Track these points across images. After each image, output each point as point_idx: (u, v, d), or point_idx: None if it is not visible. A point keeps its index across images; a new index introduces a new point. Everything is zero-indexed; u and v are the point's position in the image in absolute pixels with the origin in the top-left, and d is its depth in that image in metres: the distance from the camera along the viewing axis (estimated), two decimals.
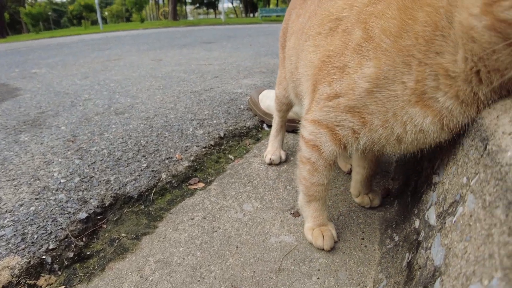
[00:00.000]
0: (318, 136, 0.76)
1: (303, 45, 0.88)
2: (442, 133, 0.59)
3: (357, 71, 0.63)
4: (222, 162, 1.41)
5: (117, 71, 3.26)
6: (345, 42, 0.67)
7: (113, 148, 1.41)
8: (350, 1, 0.71)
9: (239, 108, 2.01)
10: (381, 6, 0.61)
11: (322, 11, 0.81)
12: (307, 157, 0.82)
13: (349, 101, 0.66)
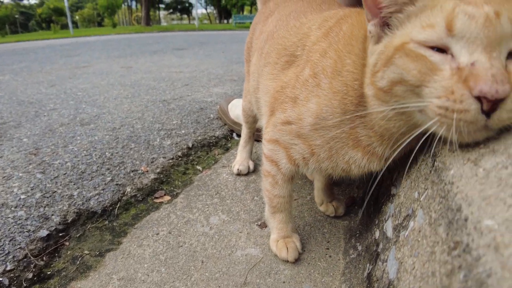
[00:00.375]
0: (276, 153, 0.81)
1: (262, 69, 0.91)
2: (380, 164, 0.65)
3: (304, 105, 0.69)
4: (189, 173, 1.39)
5: (85, 79, 3.17)
6: (297, 75, 0.73)
7: (77, 161, 1.36)
8: (302, 40, 0.77)
9: (209, 117, 1.99)
10: (325, 44, 0.67)
11: (279, 40, 0.84)
12: (268, 171, 0.86)
13: (299, 129, 0.71)
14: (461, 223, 0.32)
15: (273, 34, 0.90)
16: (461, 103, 0.40)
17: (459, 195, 0.36)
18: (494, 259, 0.25)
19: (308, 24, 0.79)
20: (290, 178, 0.84)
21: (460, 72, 0.41)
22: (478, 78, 0.39)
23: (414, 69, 0.45)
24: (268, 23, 1.01)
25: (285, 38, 0.83)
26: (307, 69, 0.69)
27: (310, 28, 0.76)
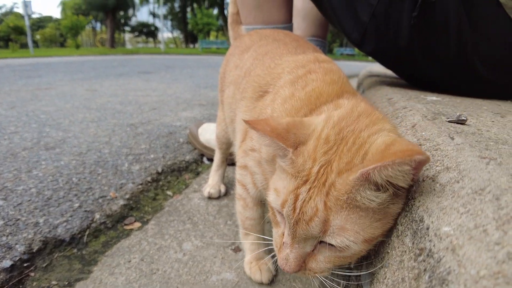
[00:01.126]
0: (245, 177, 0.85)
1: (239, 102, 0.95)
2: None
3: None
4: (160, 199, 1.38)
5: (48, 102, 3.06)
6: (261, 110, 0.78)
7: (42, 187, 1.31)
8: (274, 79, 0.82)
9: (178, 141, 1.99)
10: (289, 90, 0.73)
11: (255, 78, 0.89)
12: (240, 194, 0.90)
13: (260, 158, 0.75)
14: (424, 231, 0.37)
15: (250, 72, 0.94)
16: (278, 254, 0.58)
17: (421, 207, 0.40)
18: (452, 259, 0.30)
19: (282, 66, 0.84)
20: (259, 201, 0.88)
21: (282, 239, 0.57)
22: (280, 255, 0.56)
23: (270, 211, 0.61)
24: (245, 58, 1.05)
25: (260, 76, 0.87)
26: (269, 108, 0.74)
27: (283, 70, 0.81)
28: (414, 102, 0.92)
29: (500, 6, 1.03)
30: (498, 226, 0.29)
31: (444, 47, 1.13)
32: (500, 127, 0.67)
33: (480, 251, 0.28)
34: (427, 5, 1.06)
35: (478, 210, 0.32)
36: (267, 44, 1.04)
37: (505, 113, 0.88)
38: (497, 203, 0.32)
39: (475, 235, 0.30)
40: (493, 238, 0.28)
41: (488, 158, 0.43)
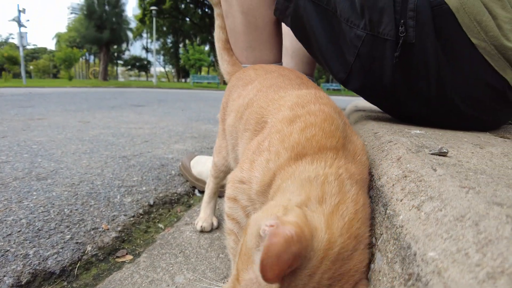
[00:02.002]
0: (235, 210, 0.83)
1: (243, 133, 0.97)
2: None
3: (256, 171, 0.74)
4: (151, 231, 1.37)
5: (41, 132, 3.06)
6: (259, 143, 0.79)
7: (33, 218, 1.30)
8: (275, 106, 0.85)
9: (170, 173, 2.00)
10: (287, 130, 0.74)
11: (258, 109, 0.92)
12: (230, 229, 0.87)
13: (249, 192, 0.75)
14: (412, 257, 0.40)
15: (253, 103, 0.97)
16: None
17: (408, 235, 0.43)
18: (438, 281, 0.32)
19: (285, 98, 0.87)
20: None
21: None
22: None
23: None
24: (248, 89, 1.08)
25: (263, 108, 0.90)
26: (267, 142, 0.76)
27: (285, 104, 0.84)
28: (398, 136, 0.97)
29: (474, 47, 1.11)
30: (478, 249, 0.32)
31: (426, 85, 1.20)
32: (479, 158, 0.72)
33: (463, 272, 0.31)
34: (407, 46, 1.14)
35: (460, 235, 0.36)
36: (272, 78, 1.08)
37: (484, 145, 0.93)
38: (476, 228, 0.35)
39: (457, 258, 0.33)
40: (474, 260, 0.31)
41: (467, 187, 0.47)
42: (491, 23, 1.11)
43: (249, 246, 0.54)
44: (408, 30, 1.13)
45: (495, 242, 0.33)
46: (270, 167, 0.70)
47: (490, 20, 1.11)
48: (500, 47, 1.11)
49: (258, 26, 1.56)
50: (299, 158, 0.68)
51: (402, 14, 1.15)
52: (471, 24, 1.12)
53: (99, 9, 35.32)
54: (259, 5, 1.54)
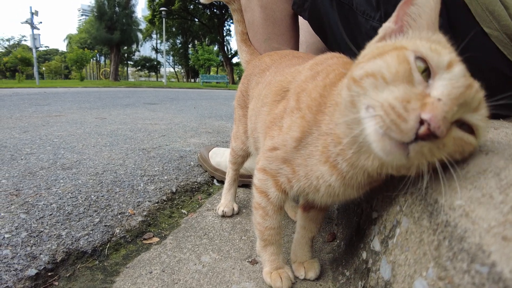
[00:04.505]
0: (265, 182, 0.87)
1: (260, 109, 1.02)
2: (346, 189, 0.71)
3: (288, 132, 0.78)
4: (175, 216, 1.43)
5: (60, 127, 3.16)
6: (285, 107, 0.83)
7: (62, 203, 1.37)
8: (294, 74, 0.90)
9: (189, 164, 2.06)
10: (311, 86, 0.79)
11: (276, 83, 0.97)
12: (258, 203, 0.91)
13: (283, 154, 0.79)
14: (439, 210, 0.44)
15: (270, 82, 1.03)
16: (406, 113, 0.45)
17: (434, 193, 0.47)
18: (466, 221, 0.36)
19: (302, 66, 0.92)
20: (279, 208, 0.90)
21: (425, 97, 0.47)
22: (435, 110, 0.44)
23: (394, 68, 0.50)
24: (266, 75, 1.14)
25: (281, 81, 0.95)
26: (293, 101, 0.80)
27: (304, 68, 0.89)
28: None
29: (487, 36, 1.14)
30: (501, 191, 0.36)
31: None
32: (494, 134, 0.75)
33: (488, 210, 0.35)
34: None
35: (483, 184, 0.40)
36: (287, 59, 1.14)
37: (498, 127, 0.97)
38: (498, 178, 0.39)
39: (483, 201, 0.37)
40: (498, 200, 0.35)
41: (486, 151, 0.51)
42: (503, 13, 1.13)
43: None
44: None
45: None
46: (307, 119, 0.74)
47: (503, 9, 1.13)
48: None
49: (276, 19, 1.61)
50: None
51: None
52: (483, 14, 1.14)
53: (109, 10, 35.73)
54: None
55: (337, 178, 0.69)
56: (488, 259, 0.31)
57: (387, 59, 0.52)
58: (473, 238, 0.34)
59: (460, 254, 0.36)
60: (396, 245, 0.56)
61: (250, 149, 1.28)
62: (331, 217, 1.42)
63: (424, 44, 0.53)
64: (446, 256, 0.39)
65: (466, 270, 0.34)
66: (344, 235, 1.18)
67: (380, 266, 0.60)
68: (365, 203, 0.96)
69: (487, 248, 0.32)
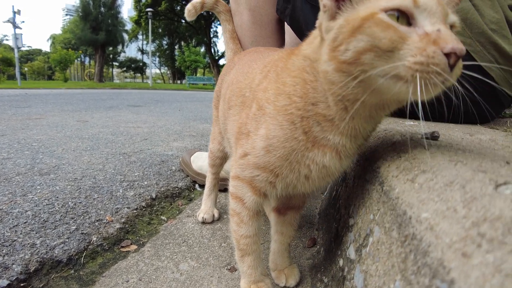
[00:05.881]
0: (240, 188, 0.84)
1: (228, 112, 1.02)
2: (342, 162, 0.71)
3: (255, 134, 0.77)
4: (154, 223, 1.41)
5: (40, 131, 3.09)
6: (247, 114, 0.83)
7: (38, 210, 1.33)
8: (250, 83, 0.90)
9: (171, 169, 2.04)
10: (265, 83, 0.79)
11: (237, 84, 0.98)
12: (233, 209, 0.88)
13: (254, 159, 0.77)
14: (407, 222, 0.44)
15: (233, 81, 1.04)
16: (433, 58, 0.50)
17: (403, 204, 0.47)
18: (431, 235, 0.36)
19: (255, 70, 0.92)
20: (255, 213, 0.86)
21: (428, 37, 0.52)
22: (448, 40, 0.50)
23: (384, 37, 0.52)
24: (231, 74, 1.16)
25: (240, 82, 0.96)
26: (254, 105, 0.79)
27: (255, 73, 0.89)
28: (393, 125, 1.02)
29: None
30: (465, 205, 0.36)
31: None
32: (468, 142, 0.77)
33: (451, 224, 0.35)
34: None
35: (449, 197, 0.40)
36: (248, 56, 1.16)
37: (474, 133, 0.99)
38: (463, 190, 0.39)
39: (447, 214, 0.37)
40: (461, 214, 0.35)
41: (456, 161, 0.51)
42: (476, 20, 1.15)
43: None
44: None
45: (479, 199, 0.37)
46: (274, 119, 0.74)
47: (476, 17, 1.15)
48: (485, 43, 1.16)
49: (263, 22, 1.66)
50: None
51: None
52: None
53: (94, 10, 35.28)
54: (264, 3, 1.63)
55: (332, 154, 0.69)
56: (448, 276, 0.31)
57: (370, 32, 0.53)
58: (435, 252, 0.34)
59: (424, 269, 0.36)
60: (368, 255, 0.56)
61: (227, 149, 1.27)
62: (312, 222, 1.42)
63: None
64: (411, 270, 0.39)
65: (428, 285, 0.34)
66: (324, 241, 1.18)
67: (354, 274, 0.60)
68: (343, 208, 0.96)
69: (447, 264, 0.32)
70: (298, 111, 0.69)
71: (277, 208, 1.00)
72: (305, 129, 0.69)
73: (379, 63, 0.54)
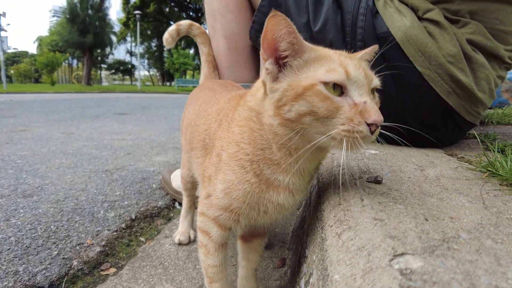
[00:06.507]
0: (206, 224, 0.93)
1: (191, 152, 1.10)
2: (295, 197, 0.81)
3: (215, 178, 0.86)
4: (133, 245, 1.48)
5: (24, 145, 3.13)
6: (209, 159, 0.92)
7: (21, 236, 1.40)
8: (207, 131, 0.98)
9: (151, 187, 2.11)
10: (220, 132, 0.89)
11: (196, 127, 1.06)
12: (201, 241, 0.96)
13: (216, 200, 0.85)
14: (327, 278, 0.52)
15: (191, 123, 1.12)
16: (358, 127, 0.63)
17: (328, 259, 0.57)
18: None
19: (211, 116, 1.01)
20: (221, 245, 0.94)
21: (356, 107, 0.64)
22: (371, 113, 0.63)
23: (322, 107, 0.64)
24: (190, 110, 1.23)
25: (198, 126, 1.04)
26: (214, 153, 0.88)
27: (211, 121, 0.98)
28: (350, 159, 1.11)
29: (420, 73, 1.26)
30: (362, 275, 0.45)
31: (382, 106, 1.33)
32: (411, 184, 0.85)
33: None
34: None
35: (356, 262, 0.49)
36: (204, 95, 1.22)
37: (425, 166, 1.06)
38: (367, 258, 0.49)
39: (349, 281, 0.46)
40: (357, 284, 0.45)
41: (378, 219, 0.61)
42: (434, 53, 1.24)
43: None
44: None
45: (374, 270, 0.46)
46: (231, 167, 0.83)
47: (434, 50, 1.24)
48: (443, 74, 1.25)
49: (238, 49, 1.74)
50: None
51: (352, 43, 1.30)
52: (416, 54, 1.26)
53: (82, 13, 34.91)
54: (239, 31, 1.72)
55: (285, 193, 0.79)
56: None
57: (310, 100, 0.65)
58: None
59: None
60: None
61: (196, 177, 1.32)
62: (285, 241, 1.51)
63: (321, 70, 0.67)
64: None
65: None
66: (291, 262, 1.27)
67: None
68: (305, 235, 1.04)
69: None
70: (247, 156, 0.79)
71: (243, 236, 1.09)
72: (256, 171, 0.78)
73: (316, 125, 0.67)
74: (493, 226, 0.59)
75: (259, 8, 1.57)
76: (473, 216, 0.64)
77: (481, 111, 1.36)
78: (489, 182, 0.89)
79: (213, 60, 1.74)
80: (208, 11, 1.79)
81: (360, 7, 1.33)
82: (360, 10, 1.32)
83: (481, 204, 0.72)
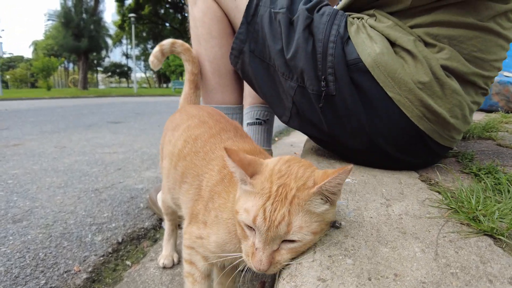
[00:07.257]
0: (193, 256, 0.99)
1: (180, 185, 1.12)
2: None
3: (210, 228, 0.91)
4: (119, 269, 1.55)
5: (17, 162, 3.18)
6: (205, 206, 0.96)
7: (10, 265, 1.45)
8: (206, 175, 1.01)
9: (139, 207, 2.17)
10: (220, 188, 0.93)
11: (192, 165, 1.07)
12: (188, 271, 1.02)
13: (209, 246, 0.91)
14: None
15: (185, 157, 1.11)
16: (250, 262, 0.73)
17: None
18: None
19: (212, 163, 1.03)
20: (207, 275, 1.01)
21: (253, 247, 0.73)
22: (255, 260, 0.71)
23: (238, 230, 0.78)
24: (176, 137, 1.22)
25: (196, 166, 1.06)
26: (210, 203, 0.93)
27: (213, 170, 1.01)
28: None
29: (391, 99, 1.27)
30: None
31: (353, 129, 1.36)
32: (370, 227, 0.86)
33: None
34: (329, 97, 1.32)
35: None
36: (195, 126, 1.20)
37: (393, 201, 1.05)
38: None
39: None
40: None
41: (322, 279, 0.66)
42: (404, 79, 1.27)
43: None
44: (329, 84, 1.30)
45: None
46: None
47: (404, 75, 1.27)
48: (414, 100, 1.28)
49: (221, 73, 1.81)
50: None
51: (323, 70, 1.33)
52: (386, 79, 1.28)
53: (76, 17, 34.80)
54: (222, 56, 1.79)
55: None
56: None
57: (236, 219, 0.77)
58: None
59: None
60: None
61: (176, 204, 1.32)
62: None
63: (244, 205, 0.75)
64: None
65: None
66: (270, 286, 1.33)
67: None
68: None
69: None
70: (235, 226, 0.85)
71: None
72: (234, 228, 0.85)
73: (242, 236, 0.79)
74: (434, 285, 0.62)
75: (237, 36, 1.62)
76: (419, 272, 0.66)
77: (456, 136, 1.36)
78: (450, 221, 0.89)
79: (195, 80, 1.78)
80: (193, 36, 1.84)
81: (330, 35, 1.36)
82: (331, 37, 1.35)
83: (433, 253, 0.73)
